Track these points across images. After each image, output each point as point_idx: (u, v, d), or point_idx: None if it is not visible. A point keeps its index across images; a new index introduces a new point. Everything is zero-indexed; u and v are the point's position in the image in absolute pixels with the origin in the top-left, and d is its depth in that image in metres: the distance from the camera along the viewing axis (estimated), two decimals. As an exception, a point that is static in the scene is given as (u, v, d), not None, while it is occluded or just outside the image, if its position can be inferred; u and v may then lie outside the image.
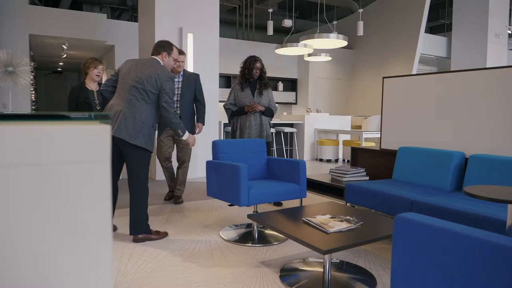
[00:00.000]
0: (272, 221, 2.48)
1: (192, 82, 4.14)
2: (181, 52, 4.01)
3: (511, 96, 2.94)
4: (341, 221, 2.36)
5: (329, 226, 2.25)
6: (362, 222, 2.35)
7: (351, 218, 2.42)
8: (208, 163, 3.39)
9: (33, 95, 9.05)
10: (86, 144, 0.48)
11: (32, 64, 9.18)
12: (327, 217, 2.43)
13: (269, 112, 4.12)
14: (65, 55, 9.69)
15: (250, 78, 4.06)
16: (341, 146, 8.66)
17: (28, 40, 7.66)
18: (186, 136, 3.23)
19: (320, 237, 2.11)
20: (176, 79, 4.07)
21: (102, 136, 0.49)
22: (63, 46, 8.72)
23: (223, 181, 3.19)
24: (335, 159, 8.55)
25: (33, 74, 9.40)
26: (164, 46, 3.16)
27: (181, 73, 4.11)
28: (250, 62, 4.03)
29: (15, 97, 7.53)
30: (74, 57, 10.40)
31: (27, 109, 7.68)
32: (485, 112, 3.10)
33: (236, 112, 4.10)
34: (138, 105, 2.97)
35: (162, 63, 3.12)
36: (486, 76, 3.11)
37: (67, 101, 3.90)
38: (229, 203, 3.84)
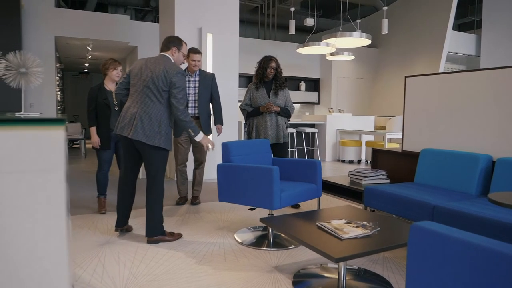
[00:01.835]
0: (285, 226, 2.40)
1: (209, 81, 4.10)
2: (197, 51, 3.98)
3: (543, 95, 2.76)
4: (357, 226, 2.26)
5: (343, 232, 2.16)
6: (378, 228, 2.25)
7: (367, 224, 2.32)
8: (222, 166, 3.22)
9: (59, 96, 9.26)
10: (35, 151, 0.43)
11: (58, 65, 9.42)
12: (342, 222, 2.34)
13: (285, 113, 4.03)
14: (90, 56, 9.89)
15: (265, 78, 3.99)
16: (363, 147, 8.47)
17: (54, 41, 7.85)
18: (200, 137, 3.08)
19: (333, 244, 2.02)
20: (192, 79, 4.05)
21: (54, 143, 0.44)
22: (88, 47, 8.89)
23: (248, 185, 3.03)
24: (358, 160, 8.37)
25: (59, 75, 9.64)
26: (173, 41, 3.11)
27: (197, 72, 4.08)
28: (265, 62, 3.96)
29: (40, 97, 7.73)
30: (98, 58, 10.61)
31: (52, 109, 7.87)
32: (514, 112, 2.93)
33: (251, 113, 4.04)
34: (153, 105, 2.95)
35: (172, 59, 3.08)
36: (515, 74, 2.93)
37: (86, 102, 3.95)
38: (251, 207, 3.77)
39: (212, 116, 4.22)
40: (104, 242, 3.05)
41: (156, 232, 3.04)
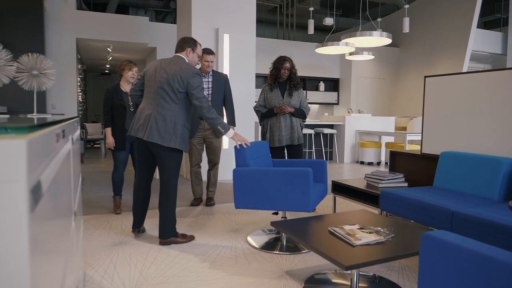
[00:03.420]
0: (296, 230, 2.34)
1: (222, 82, 4.08)
2: (210, 52, 3.96)
3: None
4: (370, 232, 2.18)
5: (356, 238, 2.09)
6: (393, 235, 2.16)
7: (381, 230, 2.24)
8: (242, 171, 3.04)
9: (80, 96, 9.44)
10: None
11: (80, 67, 9.60)
12: (355, 228, 2.26)
13: (300, 114, 3.96)
14: (110, 58, 10.04)
15: (279, 79, 3.93)
16: (383, 149, 8.30)
17: (75, 43, 8.00)
18: (231, 134, 3.06)
19: (344, 250, 1.95)
20: (205, 79, 4.03)
21: (11, 153, 0.41)
22: (108, 49, 9.03)
23: (277, 189, 2.93)
24: (377, 162, 8.21)
25: (80, 76, 9.82)
26: (188, 42, 3.10)
27: (210, 73, 4.06)
28: (279, 62, 3.89)
29: (62, 98, 7.90)
30: (119, 59, 10.76)
31: (74, 110, 8.02)
32: (540, 114, 2.78)
33: (266, 114, 3.98)
34: (167, 107, 2.94)
35: (186, 60, 3.07)
36: (542, 74, 2.79)
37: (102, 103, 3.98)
38: (274, 211, 3.73)
39: (225, 117, 4.19)
40: (117, 243, 3.06)
41: (168, 234, 3.03)
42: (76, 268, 1.59)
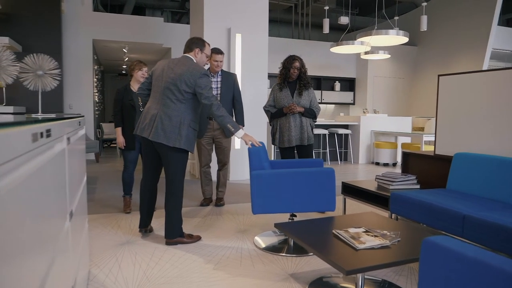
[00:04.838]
0: (300, 232, 2.30)
1: (231, 82, 4.06)
2: (219, 52, 3.94)
3: None
4: (376, 236, 2.12)
5: (360, 241, 2.03)
6: (399, 239, 2.09)
7: (388, 233, 2.17)
8: (264, 175, 2.90)
9: (96, 97, 9.58)
10: None
11: (96, 67, 9.74)
12: (360, 231, 2.20)
13: (310, 113, 3.90)
14: (126, 58, 10.16)
15: (289, 79, 3.88)
16: (399, 149, 8.14)
17: (91, 44, 8.12)
18: (241, 134, 3.01)
19: (347, 254, 1.89)
20: (214, 79, 4.01)
21: None
22: (124, 49, 9.13)
23: (300, 191, 2.89)
24: (393, 163, 8.05)
25: (97, 76, 9.96)
26: (196, 43, 3.09)
27: (219, 73, 4.04)
28: (288, 62, 3.84)
29: (79, 98, 8.03)
30: (135, 60, 10.89)
31: (90, 110, 8.15)
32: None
33: (275, 114, 3.94)
34: (173, 107, 2.93)
35: (194, 60, 3.06)
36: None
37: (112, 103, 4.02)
38: (292, 214, 3.70)
39: (234, 117, 4.17)
40: (124, 242, 3.07)
41: (174, 234, 3.02)
42: (73, 268, 1.59)
